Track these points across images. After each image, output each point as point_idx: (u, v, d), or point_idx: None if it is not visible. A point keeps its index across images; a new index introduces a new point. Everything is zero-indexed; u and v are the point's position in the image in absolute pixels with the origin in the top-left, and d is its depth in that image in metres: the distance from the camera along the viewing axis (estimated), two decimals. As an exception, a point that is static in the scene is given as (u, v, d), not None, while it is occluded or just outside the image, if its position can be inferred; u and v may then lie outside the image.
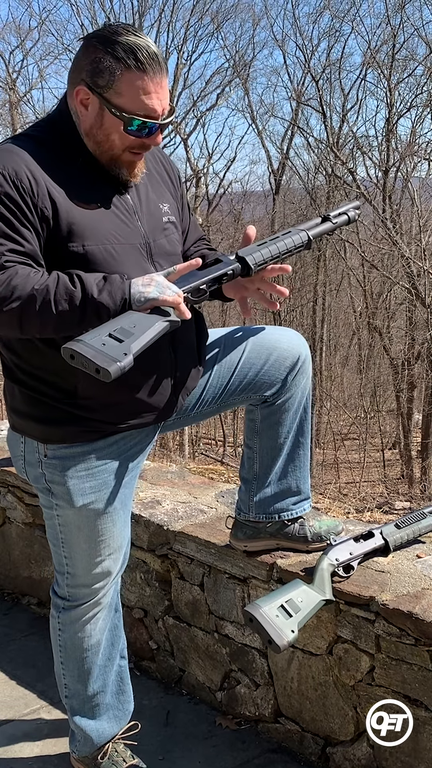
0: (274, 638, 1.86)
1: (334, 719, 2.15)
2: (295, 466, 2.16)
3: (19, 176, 1.65)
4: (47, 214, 1.68)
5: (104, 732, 2.14)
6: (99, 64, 1.69)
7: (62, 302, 1.60)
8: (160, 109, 1.72)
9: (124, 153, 1.76)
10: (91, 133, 1.75)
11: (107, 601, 2.08)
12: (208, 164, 24.91)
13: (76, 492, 1.87)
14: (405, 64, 21.14)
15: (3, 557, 3.36)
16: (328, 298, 24.51)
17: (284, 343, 2.07)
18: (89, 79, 1.70)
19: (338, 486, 17.40)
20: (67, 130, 1.77)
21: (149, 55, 1.68)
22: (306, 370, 2.09)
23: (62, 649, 2.10)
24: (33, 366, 1.81)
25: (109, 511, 1.93)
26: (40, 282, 1.61)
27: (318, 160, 23.47)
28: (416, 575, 2.07)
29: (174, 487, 2.94)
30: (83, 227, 1.71)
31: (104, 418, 1.83)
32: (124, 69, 1.68)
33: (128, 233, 1.79)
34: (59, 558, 2.01)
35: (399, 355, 21.57)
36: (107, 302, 1.62)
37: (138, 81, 1.68)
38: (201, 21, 23.47)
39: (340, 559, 2.05)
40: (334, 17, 23.26)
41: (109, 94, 1.70)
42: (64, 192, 1.71)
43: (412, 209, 20.72)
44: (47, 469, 1.88)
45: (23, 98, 23.51)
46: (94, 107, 1.72)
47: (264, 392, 2.06)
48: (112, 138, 1.74)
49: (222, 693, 2.46)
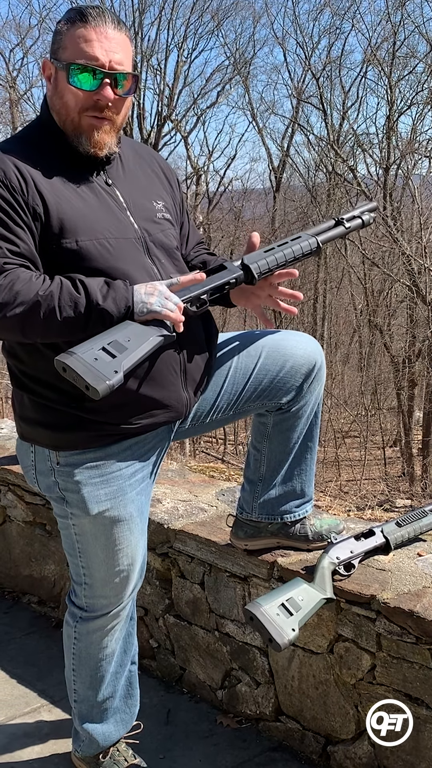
0: (275, 637, 1.85)
1: (335, 718, 2.15)
2: (302, 469, 2.14)
3: (8, 176, 1.65)
4: (39, 212, 1.67)
5: (110, 735, 2.13)
6: (56, 35, 1.76)
7: (67, 308, 1.60)
8: (106, 60, 1.71)
9: (82, 117, 1.74)
10: (54, 105, 1.77)
11: (125, 614, 2.05)
12: (209, 162, 24.90)
13: (90, 499, 1.83)
14: (405, 62, 21.11)
15: (3, 556, 3.35)
16: (329, 296, 24.48)
17: (300, 350, 2.03)
18: (51, 52, 1.76)
19: (339, 484, 17.40)
20: (51, 126, 1.78)
21: (95, 9, 1.73)
22: (321, 377, 2.06)
23: (76, 657, 2.07)
24: (38, 371, 1.78)
25: (126, 518, 1.88)
26: (43, 287, 1.60)
27: (318, 158, 23.44)
28: (417, 573, 2.06)
29: (174, 485, 2.93)
30: (75, 222, 1.70)
31: (114, 419, 1.78)
32: (70, 26, 1.73)
33: (121, 228, 1.77)
34: (76, 568, 1.97)
35: (400, 352, 21.54)
36: (111, 309, 1.62)
37: (79, 31, 1.72)
38: (201, 18, 23.41)
39: (341, 558, 2.04)
40: (334, 14, 23.33)
41: (59, 54, 1.74)
42: (53, 188, 1.70)
43: (412, 207, 20.69)
44: (60, 477, 1.84)
45: (23, 96, 23.49)
46: (54, 77, 1.76)
47: (279, 399, 2.02)
48: (66, 100, 1.74)
49: (223, 691, 2.46)
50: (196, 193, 23.57)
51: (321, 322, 23.83)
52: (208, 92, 23.83)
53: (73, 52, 1.72)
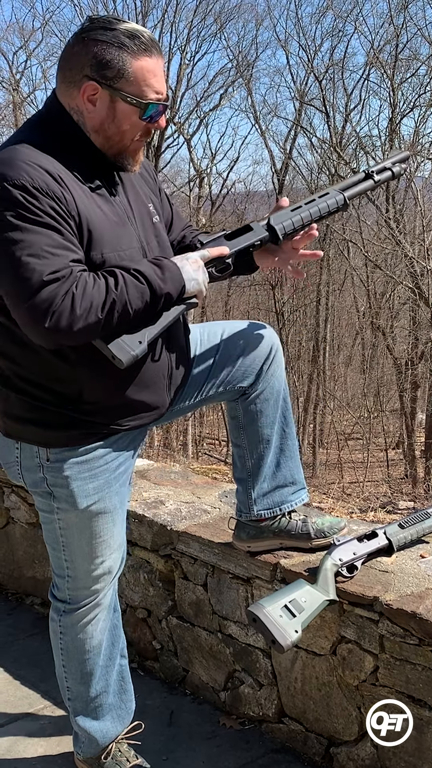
0: (278, 638, 1.86)
1: (337, 719, 2.15)
2: (286, 456, 2.18)
3: (51, 187, 1.63)
4: (76, 222, 1.67)
5: (108, 732, 2.14)
6: (104, 57, 1.67)
7: (136, 301, 1.65)
8: (164, 91, 1.73)
9: (132, 143, 1.76)
10: (102, 129, 1.73)
11: (107, 602, 2.08)
12: (212, 164, 24.92)
13: (80, 494, 1.87)
14: (408, 64, 21.11)
15: (7, 557, 3.36)
16: (332, 298, 24.48)
17: (256, 334, 2.12)
18: (95, 73, 1.68)
19: (342, 486, 17.39)
20: (65, 131, 1.74)
21: (149, 37, 1.70)
22: (279, 360, 2.14)
23: (64, 651, 2.10)
24: (33, 373, 1.79)
25: (110, 510, 1.93)
26: (112, 288, 1.62)
27: (321, 160, 23.42)
28: (420, 575, 2.06)
29: (177, 487, 2.94)
30: (101, 234, 1.71)
31: (106, 420, 1.83)
32: (131, 56, 1.67)
33: (130, 238, 1.79)
34: (59, 561, 2.00)
35: (402, 354, 21.56)
36: (172, 291, 1.70)
37: (146, 65, 1.69)
38: (204, 21, 23.42)
39: (344, 559, 2.05)
40: (337, 17, 23.22)
41: (121, 84, 1.69)
42: (82, 199, 1.69)
43: (415, 209, 20.70)
44: (49, 473, 1.86)
45: (27, 99, 23.53)
46: (103, 101, 1.71)
47: (241, 383, 2.09)
48: (124, 128, 1.73)
49: (225, 693, 2.46)
50: (198, 196, 23.60)
51: (324, 324, 23.83)
52: (210, 95, 23.89)
53: (144, 87, 1.70)
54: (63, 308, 1.57)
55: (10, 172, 1.62)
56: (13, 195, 1.60)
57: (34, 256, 1.58)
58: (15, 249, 1.58)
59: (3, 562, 3.39)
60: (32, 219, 1.60)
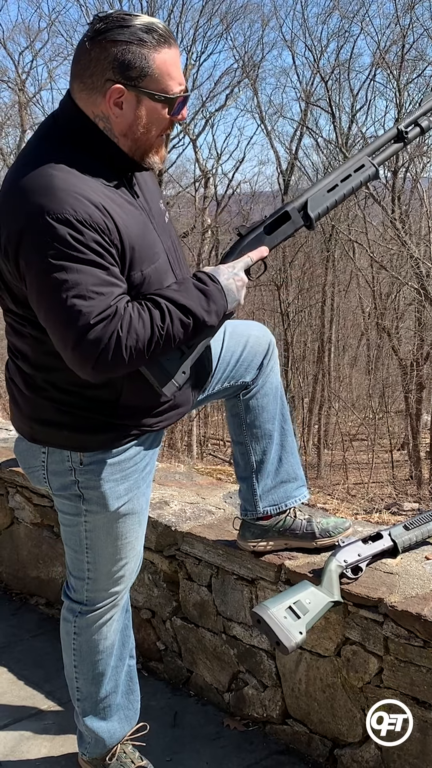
0: (282, 640, 1.85)
1: (342, 721, 2.15)
2: (287, 452, 2.20)
3: (95, 219, 1.57)
4: (120, 250, 1.64)
5: (115, 733, 2.13)
6: (125, 57, 1.60)
7: (179, 335, 1.66)
8: (184, 80, 1.70)
9: (157, 139, 1.72)
10: (130, 131, 1.67)
11: (123, 603, 2.08)
12: (217, 165, 24.93)
13: (111, 496, 1.86)
14: (414, 65, 21.09)
15: (11, 558, 3.36)
16: (337, 299, 24.47)
17: (255, 331, 2.16)
18: (119, 76, 1.61)
19: (346, 487, 17.38)
20: (89, 142, 1.68)
21: (165, 28, 1.64)
22: (275, 356, 2.18)
23: (77, 652, 2.09)
24: (70, 383, 1.75)
25: (138, 511, 1.94)
26: (157, 323, 1.62)
27: (327, 161, 23.40)
28: (425, 577, 2.06)
29: (182, 487, 2.93)
30: (140, 252, 1.68)
31: (140, 422, 1.84)
32: (152, 51, 1.62)
33: (159, 245, 1.77)
34: (80, 564, 1.99)
35: (408, 355, 21.51)
36: (214, 323, 1.71)
37: (167, 57, 1.64)
38: (210, 22, 23.46)
39: (349, 561, 2.04)
40: (343, 17, 23.19)
41: (146, 82, 1.63)
42: (121, 218, 1.64)
43: (421, 210, 20.69)
44: (82, 476, 1.85)
45: (32, 99, 23.56)
46: (130, 104, 1.65)
47: (244, 378, 2.12)
48: (151, 128, 1.69)
49: (230, 694, 2.46)
50: (204, 196, 23.60)
51: (329, 324, 23.82)
52: (216, 95, 23.89)
53: (170, 81, 1.65)
54: (109, 349, 1.57)
55: (51, 204, 1.55)
56: (57, 231, 1.54)
57: (80, 297, 1.55)
58: (61, 291, 1.55)
59: (7, 563, 3.39)
60: (77, 257, 1.55)
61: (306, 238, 21.97)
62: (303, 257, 23.82)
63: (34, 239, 1.56)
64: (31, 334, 1.74)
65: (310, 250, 23.75)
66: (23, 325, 1.74)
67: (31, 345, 1.77)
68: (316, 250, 23.87)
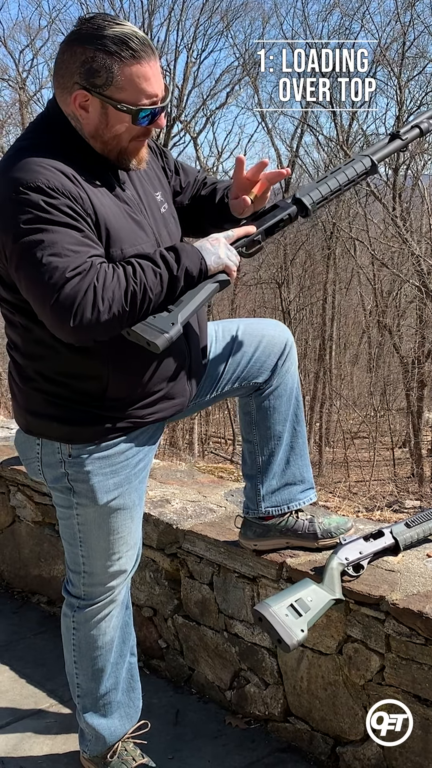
0: (284, 637, 1.85)
1: (343, 719, 2.15)
2: (296, 454, 2.18)
3: (67, 187, 1.63)
4: (94, 220, 1.67)
5: (116, 730, 2.13)
6: (92, 64, 1.64)
7: (156, 285, 1.64)
8: (160, 92, 1.70)
9: (130, 143, 1.74)
10: (98, 134, 1.72)
11: (121, 598, 2.09)
12: (218, 163, 24.91)
13: (100, 489, 1.87)
14: (415, 62, 21.05)
15: (13, 556, 3.36)
16: (338, 297, 24.44)
17: (271, 330, 2.13)
18: (85, 81, 1.66)
19: (348, 485, 17.39)
20: (69, 133, 1.74)
21: (140, 41, 1.65)
22: (293, 356, 2.14)
23: (76, 648, 2.10)
24: (56, 372, 1.80)
25: (129, 506, 1.94)
26: (130, 278, 1.62)
27: (328, 158, 23.35)
28: (426, 574, 2.06)
29: (183, 485, 2.93)
30: (117, 231, 1.72)
31: (129, 414, 1.84)
32: (119, 63, 1.64)
33: (145, 232, 1.80)
34: (75, 557, 2.00)
35: (409, 353, 21.52)
36: (191, 267, 1.68)
37: (136, 71, 1.66)
38: (210, 19, 23.38)
39: (350, 558, 2.04)
40: (343, 15, 23.27)
41: (110, 92, 1.66)
42: (97, 197, 1.70)
43: (422, 207, 20.67)
44: (71, 468, 1.87)
45: (33, 97, 23.54)
46: (95, 108, 1.69)
47: (256, 379, 2.10)
48: (120, 133, 1.71)
49: (231, 692, 2.46)
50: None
51: (330, 322, 23.80)
52: (217, 93, 23.84)
53: (135, 93, 1.66)
54: (86, 302, 1.57)
55: (24, 175, 1.62)
56: (30, 198, 1.60)
57: (55, 255, 1.58)
58: (37, 251, 1.58)
59: (9, 561, 3.39)
60: (51, 220, 1.60)
61: (307, 236, 21.99)
62: (304, 255, 23.82)
63: (10, 211, 1.62)
64: (20, 322, 1.77)
65: (311, 248, 23.75)
66: (13, 314, 1.78)
67: (21, 334, 1.80)
68: (317, 247, 23.86)
